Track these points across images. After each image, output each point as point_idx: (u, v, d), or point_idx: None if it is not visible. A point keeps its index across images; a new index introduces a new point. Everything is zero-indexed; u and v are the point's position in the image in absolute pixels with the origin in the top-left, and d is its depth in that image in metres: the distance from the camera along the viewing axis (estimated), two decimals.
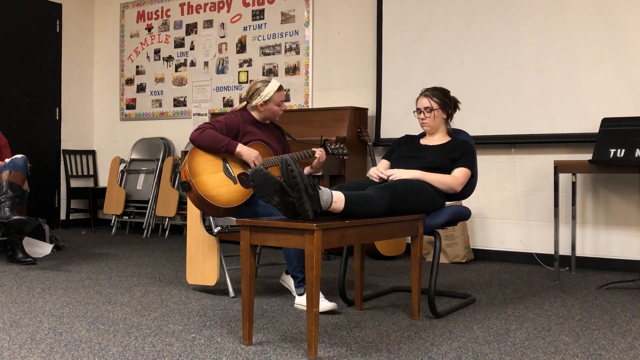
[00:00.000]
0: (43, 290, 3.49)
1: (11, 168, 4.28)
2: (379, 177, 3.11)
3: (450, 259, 4.70)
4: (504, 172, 4.81)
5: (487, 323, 2.84)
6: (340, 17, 5.54)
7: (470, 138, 3.37)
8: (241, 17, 6.11)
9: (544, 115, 4.56)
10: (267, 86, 3.37)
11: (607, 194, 4.45)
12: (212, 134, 3.23)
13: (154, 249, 5.30)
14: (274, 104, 3.39)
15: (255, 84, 3.41)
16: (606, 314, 3.04)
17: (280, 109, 3.44)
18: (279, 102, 3.40)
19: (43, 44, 6.71)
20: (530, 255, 4.67)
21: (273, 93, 3.37)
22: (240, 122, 3.36)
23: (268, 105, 3.39)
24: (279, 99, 3.40)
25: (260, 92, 3.37)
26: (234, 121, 3.35)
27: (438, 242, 2.98)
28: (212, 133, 3.23)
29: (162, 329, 2.67)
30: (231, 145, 3.23)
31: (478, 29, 4.83)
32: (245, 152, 3.25)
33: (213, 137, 3.22)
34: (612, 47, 4.34)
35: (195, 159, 3.21)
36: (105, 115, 7.17)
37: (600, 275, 4.17)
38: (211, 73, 6.31)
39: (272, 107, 3.40)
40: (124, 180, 6.58)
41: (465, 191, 3.28)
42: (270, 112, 3.42)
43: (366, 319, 2.89)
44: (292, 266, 3.12)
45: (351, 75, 5.49)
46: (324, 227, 2.29)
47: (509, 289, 3.69)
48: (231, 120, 3.34)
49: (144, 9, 6.82)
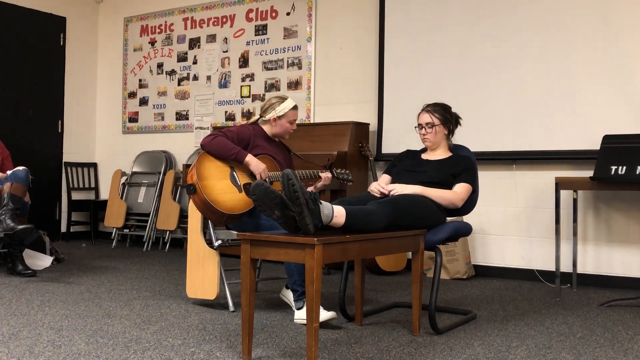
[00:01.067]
0: (42, 302, 3.48)
1: (13, 180, 4.29)
2: (380, 192, 3.11)
3: (451, 275, 4.68)
4: (505, 188, 4.81)
5: (488, 340, 2.82)
6: (343, 32, 5.58)
7: (471, 154, 3.37)
8: (244, 32, 6.15)
9: (546, 132, 4.57)
10: (283, 102, 3.46)
11: (609, 211, 4.44)
12: (223, 142, 3.28)
13: (154, 262, 5.29)
14: (287, 120, 3.47)
15: (271, 99, 3.50)
16: (608, 332, 3.02)
17: (292, 127, 3.51)
18: (291, 119, 3.48)
19: (47, 57, 6.75)
20: (531, 272, 4.65)
21: (288, 110, 3.46)
22: (251, 135, 3.42)
23: (281, 121, 3.46)
24: (293, 117, 3.49)
25: (275, 107, 3.46)
26: (245, 133, 3.41)
27: (439, 258, 2.98)
28: (223, 141, 3.28)
29: (161, 342, 2.66)
30: (241, 154, 3.28)
31: (479, 45, 4.85)
32: (253, 162, 3.30)
33: (224, 144, 3.27)
34: (614, 65, 4.36)
35: (204, 164, 3.25)
36: (107, 128, 7.19)
37: (601, 293, 4.15)
38: (214, 87, 6.34)
39: (284, 124, 3.47)
40: (125, 193, 6.59)
41: (466, 207, 3.27)
42: (282, 128, 3.48)
43: (366, 335, 2.87)
44: (293, 279, 3.11)
45: (353, 90, 5.51)
46: (325, 241, 2.29)
47: (510, 305, 3.67)
48: (243, 132, 3.40)
49: (147, 23, 6.87)
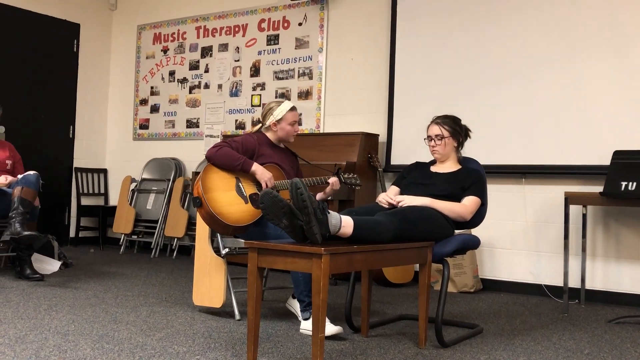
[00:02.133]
0: (49, 307, 3.49)
1: (23, 184, 4.32)
2: (388, 203, 3.10)
3: (458, 288, 4.66)
4: (514, 202, 4.79)
5: (494, 354, 2.81)
6: (354, 43, 5.59)
7: (481, 167, 3.37)
8: (256, 41, 6.18)
9: (555, 146, 4.55)
10: (280, 106, 3.46)
11: (618, 226, 4.41)
12: (228, 152, 3.28)
13: (162, 269, 5.29)
14: (287, 123, 3.45)
15: (269, 104, 3.51)
16: (615, 349, 2.99)
17: (294, 129, 3.49)
18: (291, 121, 3.46)
19: (60, 63, 6.81)
20: (539, 287, 4.62)
21: (285, 112, 3.45)
22: (256, 144, 3.41)
23: (281, 124, 3.45)
24: (292, 118, 3.47)
25: (273, 111, 3.46)
26: (250, 142, 3.40)
27: (446, 271, 2.96)
28: (228, 151, 3.28)
29: (166, 349, 2.66)
30: (247, 163, 3.28)
31: (490, 57, 4.85)
32: (259, 171, 3.29)
33: (229, 155, 3.27)
34: (626, 79, 4.35)
35: (209, 176, 3.25)
36: (118, 135, 7.23)
37: (609, 309, 4.11)
38: (225, 96, 6.37)
39: (285, 127, 3.46)
40: (134, 200, 6.61)
41: (474, 220, 3.26)
42: (284, 131, 3.47)
43: (372, 346, 2.86)
44: (299, 289, 3.10)
45: (363, 101, 5.52)
46: (332, 251, 2.29)
47: (517, 320, 3.65)
48: (247, 141, 3.40)
49: (160, 31, 6.92)
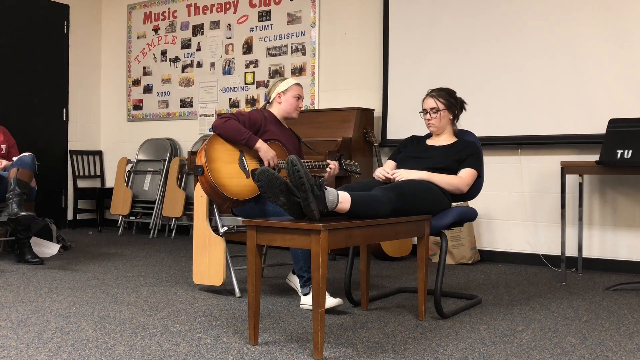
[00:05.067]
0: (50, 289, 3.51)
1: (19, 165, 4.29)
2: (385, 178, 3.11)
3: (456, 260, 4.69)
4: (510, 173, 4.79)
5: (494, 324, 2.83)
6: (347, 18, 5.55)
7: (476, 139, 3.36)
8: (248, 18, 6.12)
9: (551, 116, 4.55)
10: (286, 79, 3.55)
11: (614, 195, 4.43)
12: (235, 125, 3.28)
13: (161, 249, 5.31)
14: (292, 95, 3.50)
15: (273, 80, 3.60)
16: (613, 316, 3.03)
17: (298, 103, 3.53)
18: (296, 94, 3.51)
19: (50, 45, 6.74)
20: (536, 257, 4.65)
21: (292, 84, 3.52)
22: (262, 119, 3.43)
23: (286, 96, 3.50)
24: (297, 91, 3.52)
25: (278, 84, 3.53)
26: (257, 117, 3.42)
27: (444, 243, 2.98)
28: (235, 124, 3.29)
29: (168, 328, 2.68)
30: (252, 139, 3.29)
31: (484, 31, 4.82)
32: (263, 148, 3.31)
33: (235, 128, 3.27)
34: (620, 48, 4.33)
35: (214, 146, 3.26)
36: (112, 116, 7.19)
37: (607, 277, 4.15)
38: (217, 74, 6.32)
39: (289, 98, 3.50)
40: (131, 181, 6.60)
41: (471, 192, 3.27)
42: (288, 103, 3.50)
43: (372, 320, 2.89)
44: (299, 265, 3.12)
45: (357, 76, 5.49)
46: (330, 227, 2.29)
47: (515, 290, 3.68)
48: (255, 116, 3.42)
49: (150, 10, 6.84)
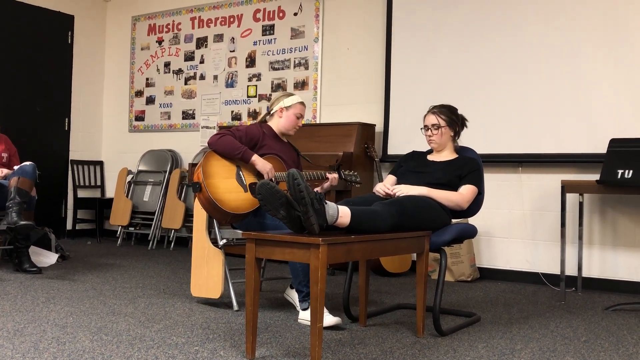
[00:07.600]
0: (47, 299, 3.49)
1: (20, 174, 4.30)
2: (385, 193, 3.11)
3: (455, 277, 4.67)
4: (511, 190, 4.79)
5: (492, 342, 2.82)
6: (350, 33, 5.57)
7: (477, 156, 3.37)
8: (251, 31, 6.15)
9: (552, 135, 4.55)
10: (291, 96, 3.53)
11: (615, 214, 4.42)
12: (230, 141, 3.29)
13: (159, 260, 5.30)
14: (294, 112, 3.49)
15: (279, 94, 3.61)
16: (612, 336, 3.01)
17: (298, 122, 3.52)
18: (298, 113, 3.50)
19: (54, 55, 6.78)
20: (536, 275, 4.64)
21: (296, 102, 3.50)
22: (260, 134, 3.43)
23: (288, 112, 3.49)
24: (300, 110, 3.51)
25: (282, 99, 3.51)
26: (254, 132, 3.42)
27: (444, 260, 2.97)
28: (230, 140, 3.29)
29: (165, 341, 2.67)
30: (247, 154, 3.29)
31: (486, 47, 4.84)
32: (260, 162, 3.30)
33: (230, 143, 3.28)
34: (622, 68, 4.34)
35: (210, 162, 3.26)
36: (114, 127, 7.21)
37: (606, 297, 4.13)
38: (220, 87, 6.35)
39: (290, 115, 3.49)
40: (131, 192, 6.60)
41: (471, 209, 3.27)
42: (288, 120, 3.49)
43: (370, 336, 2.87)
44: (298, 280, 3.11)
45: (359, 91, 5.51)
46: (330, 241, 2.29)
47: (514, 308, 3.66)
48: (252, 131, 3.42)
49: (155, 22, 6.89)
